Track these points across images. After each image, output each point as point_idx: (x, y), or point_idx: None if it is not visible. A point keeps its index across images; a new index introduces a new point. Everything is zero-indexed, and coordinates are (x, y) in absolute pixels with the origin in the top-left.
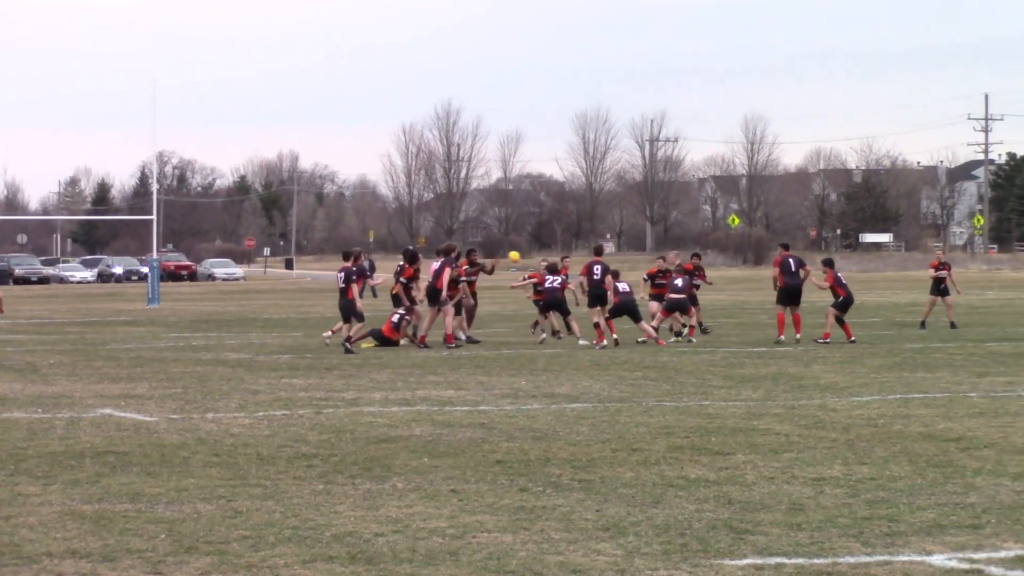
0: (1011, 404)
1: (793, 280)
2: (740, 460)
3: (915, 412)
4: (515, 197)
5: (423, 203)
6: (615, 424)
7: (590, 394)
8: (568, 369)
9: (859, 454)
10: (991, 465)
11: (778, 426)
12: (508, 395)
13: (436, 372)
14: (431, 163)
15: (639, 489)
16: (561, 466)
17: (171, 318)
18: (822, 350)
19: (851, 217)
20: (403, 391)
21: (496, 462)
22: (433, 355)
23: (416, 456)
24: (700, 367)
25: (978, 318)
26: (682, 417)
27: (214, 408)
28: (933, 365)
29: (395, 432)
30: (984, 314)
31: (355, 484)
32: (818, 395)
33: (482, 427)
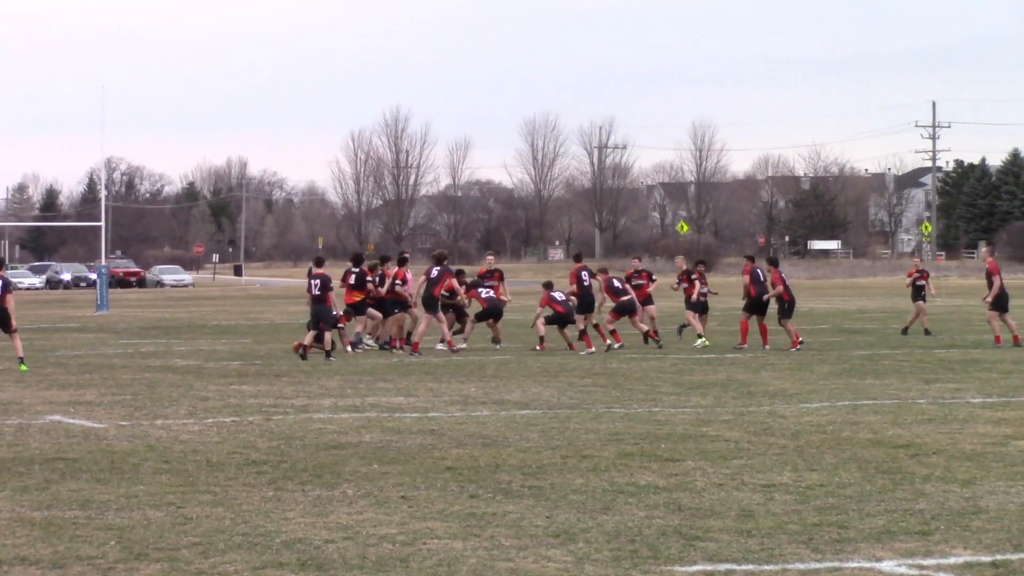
0: (959, 411)
1: (762, 290)
2: (690, 467)
3: (864, 419)
4: (464, 204)
5: (372, 210)
6: (565, 431)
7: (540, 401)
8: (518, 376)
9: (808, 461)
10: (940, 471)
11: (728, 432)
12: (458, 402)
13: (386, 379)
14: (380, 170)
15: (589, 496)
16: (511, 473)
17: (120, 325)
18: (771, 357)
19: (799, 224)
20: (353, 398)
21: (446, 469)
22: (383, 362)
23: (366, 463)
24: (649, 374)
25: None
26: (632, 424)
27: (163, 415)
28: (882, 372)
29: (345, 439)
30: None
31: (305, 491)
32: (767, 402)
33: (432, 434)
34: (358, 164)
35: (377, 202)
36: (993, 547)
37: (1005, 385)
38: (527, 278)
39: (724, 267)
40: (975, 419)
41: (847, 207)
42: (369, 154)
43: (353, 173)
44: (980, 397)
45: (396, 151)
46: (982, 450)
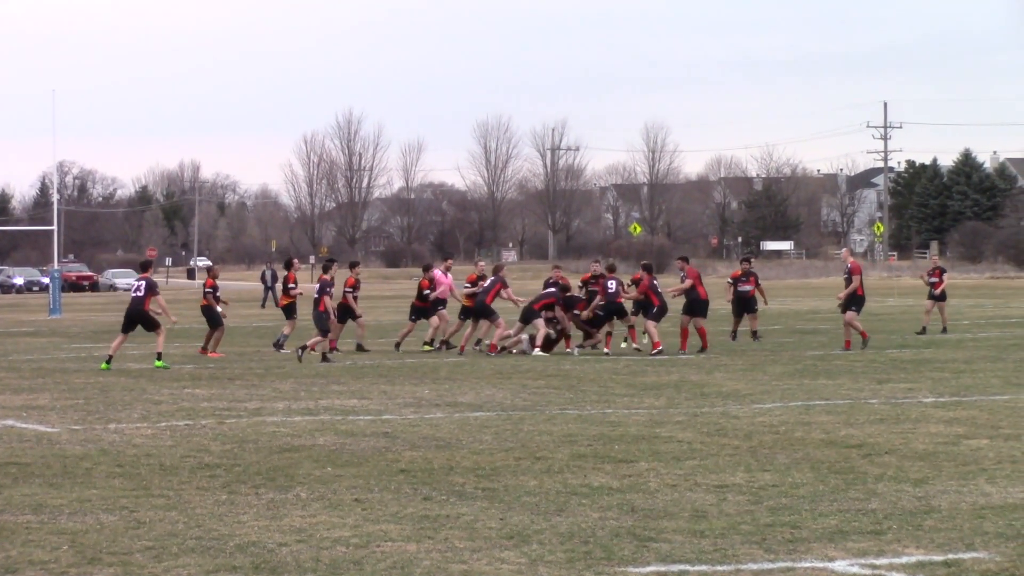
0: (912, 410)
1: None
2: (643, 468)
3: (817, 419)
4: (417, 206)
5: (325, 212)
6: (518, 432)
7: (493, 403)
8: (471, 378)
9: (761, 461)
10: (892, 471)
11: (680, 433)
12: (411, 404)
13: (339, 382)
14: (333, 172)
15: (542, 497)
16: (465, 475)
17: (73, 328)
18: (724, 358)
19: (752, 225)
20: (306, 401)
21: (400, 471)
22: (336, 365)
23: (320, 466)
24: (603, 375)
25: (878, 325)
26: (585, 425)
27: (116, 419)
28: (834, 372)
29: (298, 442)
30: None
31: (258, 494)
32: (720, 402)
33: (385, 436)
34: (311, 167)
35: (330, 205)
36: (945, 546)
37: (957, 385)
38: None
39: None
40: (927, 419)
41: (799, 208)
42: (322, 157)
43: (306, 176)
44: (932, 397)
45: (349, 154)
46: (934, 450)
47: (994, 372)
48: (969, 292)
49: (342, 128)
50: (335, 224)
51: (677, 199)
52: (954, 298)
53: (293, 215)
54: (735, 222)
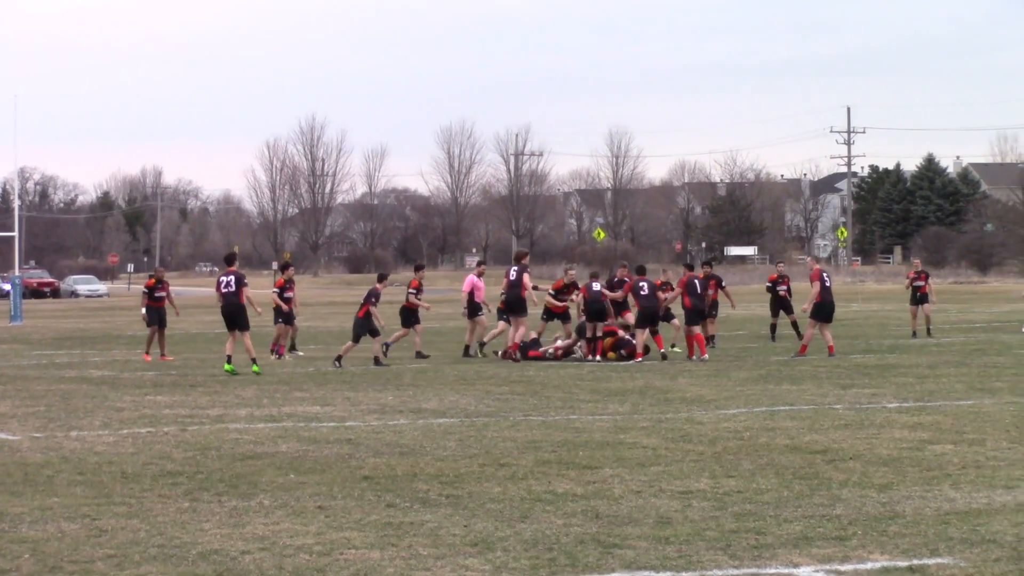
0: (876, 416)
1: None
2: (607, 474)
3: (781, 424)
4: (380, 212)
5: (288, 218)
6: (482, 439)
7: (457, 409)
8: (435, 384)
9: (726, 467)
10: (857, 477)
11: (645, 439)
12: (375, 410)
13: (302, 388)
14: (295, 178)
15: (507, 504)
16: (428, 481)
17: (34, 335)
18: (688, 364)
19: (716, 230)
20: (269, 407)
21: (363, 478)
22: (299, 371)
23: (282, 473)
24: (567, 381)
25: (842, 330)
26: (549, 431)
27: (78, 426)
28: (798, 378)
29: (261, 449)
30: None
31: (221, 501)
32: (684, 408)
33: (349, 443)
34: (274, 172)
35: (293, 210)
36: (910, 552)
37: (921, 390)
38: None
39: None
40: (891, 424)
41: (763, 213)
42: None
43: (269, 181)
44: (896, 402)
45: (312, 159)
46: (898, 455)
47: (958, 377)
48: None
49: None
50: (298, 230)
51: (641, 204)
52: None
53: (256, 221)
54: (699, 227)
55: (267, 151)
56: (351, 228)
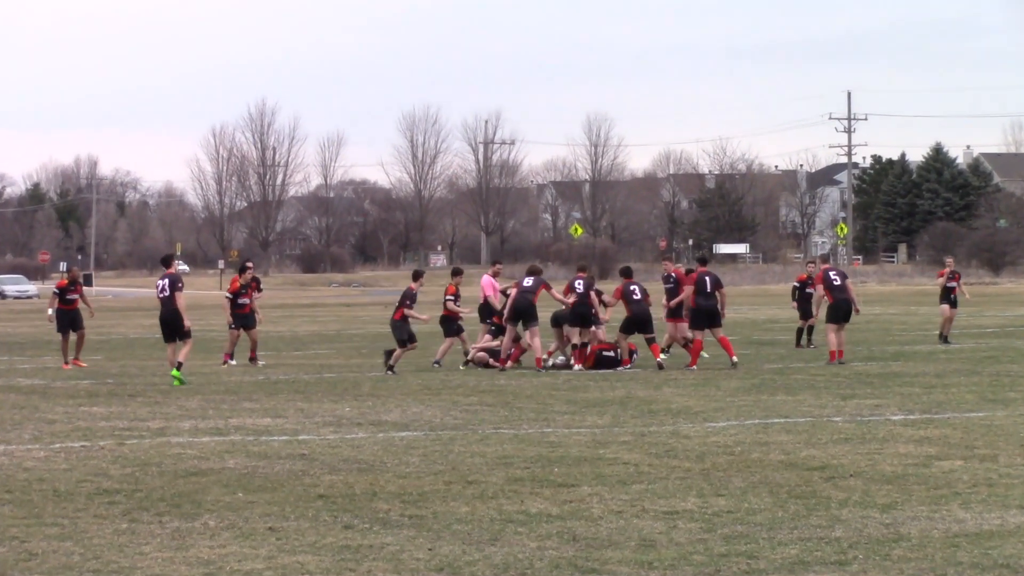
0: (879, 429)
1: (707, 301)
2: (585, 492)
3: (775, 438)
4: (337, 206)
5: (235, 212)
6: (448, 454)
7: (421, 421)
8: (396, 394)
9: (715, 485)
10: (858, 496)
11: (626, 455)
12: (331, 423)
13: (251, 398)
14: (244, 168)
15: (475, 525)
16: (389, 500)
17: None
18: (674, 372)
19: (704, 226)
20: (215, 419)
21: (318, 497)
22: (247, 379)
23: (230, 491)
24: (541, 391)
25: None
26: (522, 446)
27: (5, 440)
28: (794, 387)
29: (206, 464)
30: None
31: (162, 522)
32: (670, 421)
33: (302, 458)
34: (220, 162)
35: (241, 204)
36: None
37: (928, 401)
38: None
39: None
40: (896, 438)
41: (755, 207)
42: (232, 152)
43: (214, 172)
44: (901, 414)
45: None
46: (903, 472)
47: (968, 387)
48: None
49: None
50: (246, 225)
51: (622, 198)
52: (923, 306)
53: (200, 215)
54: (685, 223)
55: (213, 139)
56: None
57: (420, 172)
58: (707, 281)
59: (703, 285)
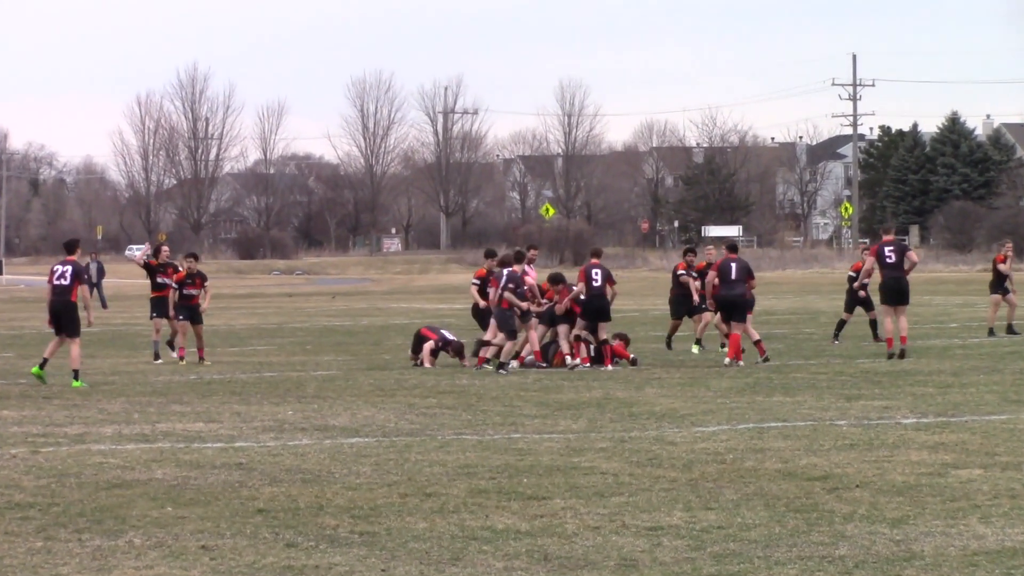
0: (888, 434)
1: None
2: (558, 506)
3: (772, 445)
4: (277, 183)
5: (164, 191)
6: (404, 463)
7: (373, 426)
8: (345, 395)
9: (704, 497)
10: (864, 509)
11: (604, 464)
12: (271, 428)
13: (181, 401)
14: (173, 142)
15: (434, 543)
16: (338, 515)
17: None
18: (657, 370)
19: (691, 206)
20: (141, 424)
21: (257, 511)
22: (178, 379)
23: (157, 504)
24: (508, 392)
25: (847, 329)
26: (486, 454)
27: None
28: (793, 387)
29: (131, 475)
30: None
31: (82, 540)
32: (653, 425)
33: (239, 468)
34: (146, 135)
35: (170, 181)
36: None
37: (943, 402)
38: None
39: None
40: (907, 444)
41: (750, 185)
42: (160, 123)
43: (140, 146)
44: (913, 417)
45: (193, 119)
46: (915, 482)
47: (988, 386)
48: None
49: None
50: (176, 205)
51: (599, 174)
52: (939, 295)
53: (124, 194)
54: (670, 202)
55: (138, 109)
56: (242, 203)
57: (371, 146)
58: (732, 268)
59: (727, 272)
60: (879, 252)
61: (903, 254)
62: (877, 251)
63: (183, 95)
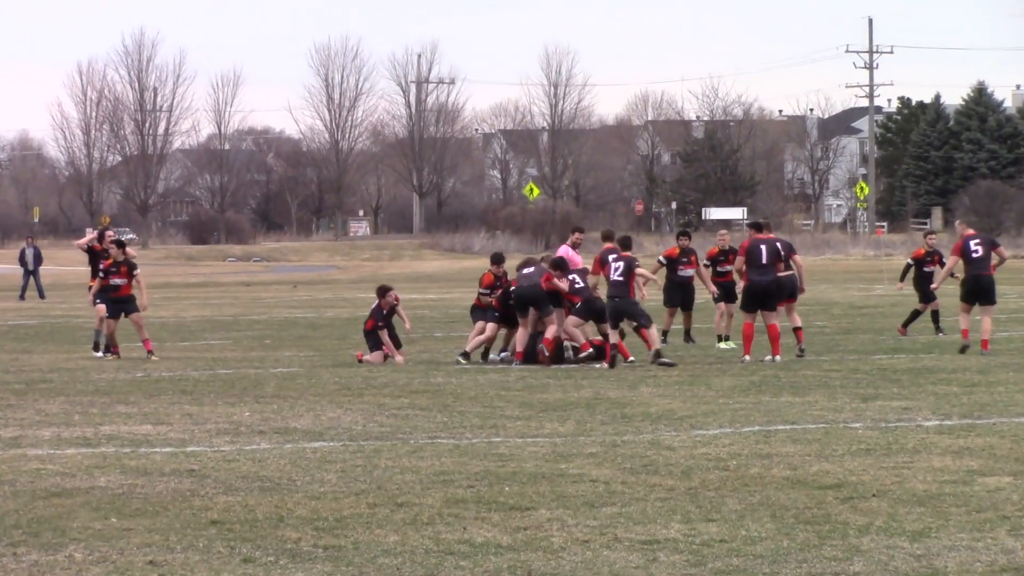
0: (907, 437)
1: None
2: (544, 517)
3: (780, 450)
4: (233, 160)
5: (108, 169)
6: (373, 470)
7: (338, 429)
8: (307, 395)
9: (704, 507)
10: (882, 520)
11: (594, 470)
12: (226, 431)
13: (127, 401)
14: (118, 115)
15: (406, 558)
16: (300, 527)
17: None
18: (653, 368)
19: (690, 185)
20: (82, 427)
21: (211, 523)
22: (123, 377)
23: (101, 515)
24: (488, 391)
25: (863, 322)
26: (464, 459)
27: None
28: (803, 386)
29: (72, 483)
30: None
31: (17, 555)
32: (648, 427)
33: (191, 475)
34: (88, 107)
35: (114, 158)
36: None
37: (969, 403)
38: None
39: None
40: (929, 448)
41: (755, 162)
42: (103, 93)
43: (81, 119)
44: (935, 419)
45: (140, 89)
46: (938, 491)
47: (1019, 385)
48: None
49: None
50: (121, 185)
51: (588, 150)
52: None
53: (64, 172)
54: (667, 181)
55: (79, 78)
56: (194, 182)
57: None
58: (762, 251)
59: (756, 256)
60: (964, 247)
61: (991, 248)
62: (962, 247)
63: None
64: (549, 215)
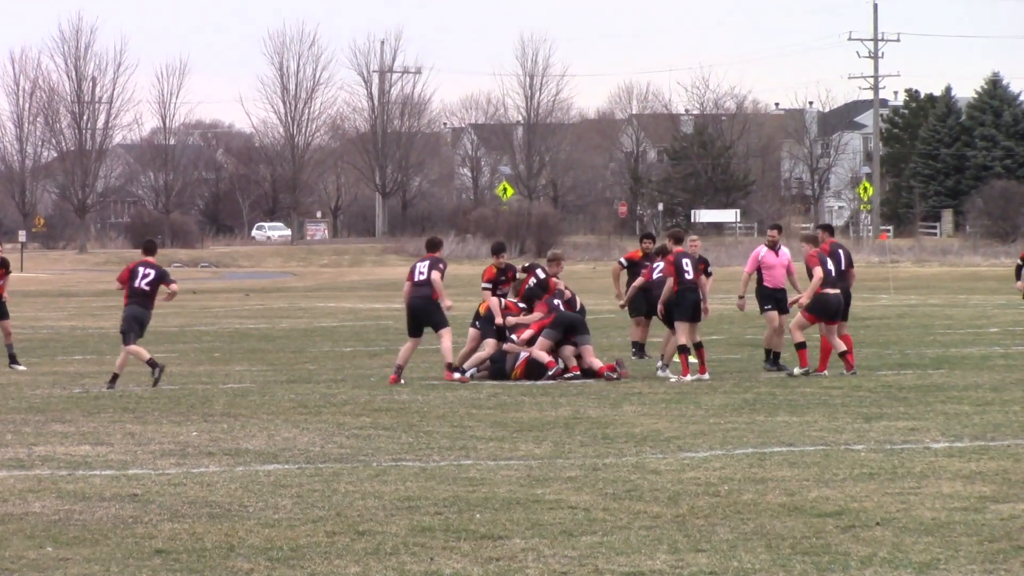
0: (915, 461)
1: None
2: (518, 547)
3: (775, 474)
4: (179, 157)
5: (42, 166)
6: (332, 495)
7: (294, 450)
8: (260, 413)
9: (693, 536)
10: (886, 551)
11: (573, 496)
12: (172, 452)
13: (64, 419)
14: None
15: None
16: (252, 558)
17: None
18: (637, 384)
19: (678, 185)
20: (14, 447)
21: (155, 552)
22: (60, 393)
23: (35, 544)
24: (457, 409)
25: (866, 335)
26: (431, 484)
27: None
28: (801, 405)
29: (3, 509)
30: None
31: None
32: (632, 450)
33: (133, 500)
34: (20, 98)
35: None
36: None
37: (981, 423)
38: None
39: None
40: (938, 473)
41: (749, 160)
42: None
43: (13, 112)
44: (945, 441)
45: (77, 79)
46: (947, 519)
47: None
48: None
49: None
50: (57, 183)
51: (567, 147)
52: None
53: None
54: (653, 181)
55: (11, 67)
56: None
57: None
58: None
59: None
60: None
61: None
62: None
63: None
64: (524, 217)
